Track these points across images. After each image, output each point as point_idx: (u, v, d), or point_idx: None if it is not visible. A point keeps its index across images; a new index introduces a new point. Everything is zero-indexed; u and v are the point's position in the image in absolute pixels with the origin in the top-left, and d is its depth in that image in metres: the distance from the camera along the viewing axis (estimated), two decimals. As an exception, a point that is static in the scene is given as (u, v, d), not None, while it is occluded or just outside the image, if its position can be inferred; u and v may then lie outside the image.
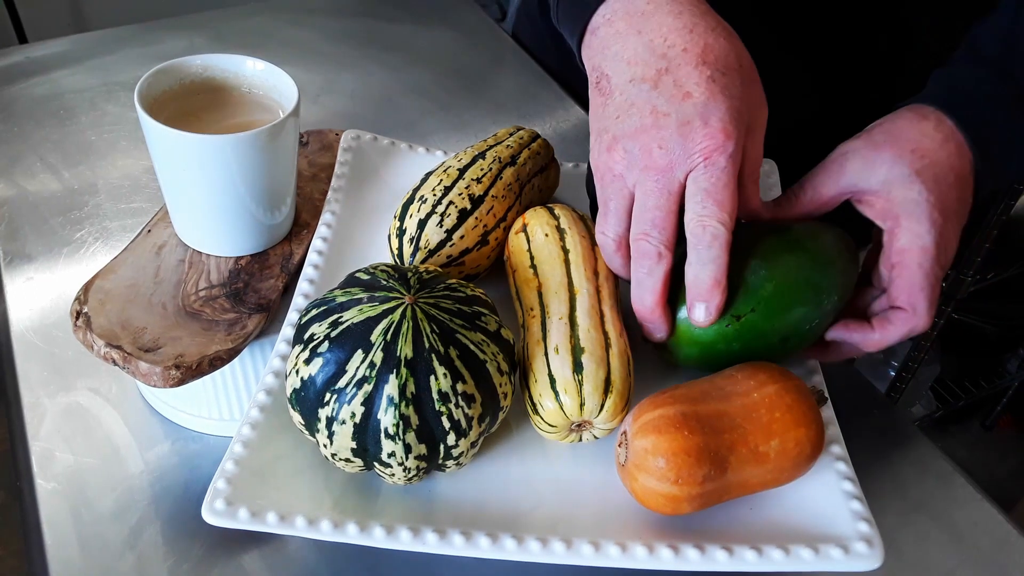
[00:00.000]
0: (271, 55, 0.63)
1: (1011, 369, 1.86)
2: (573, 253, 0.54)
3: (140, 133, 0.57)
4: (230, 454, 0.47)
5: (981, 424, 1.92)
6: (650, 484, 0.45)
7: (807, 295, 0.49)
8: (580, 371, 0.48)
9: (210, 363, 0.52)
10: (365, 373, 0.44)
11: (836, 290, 0.51)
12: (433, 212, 0.56)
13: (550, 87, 0.94)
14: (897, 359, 1.67)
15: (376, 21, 1.05)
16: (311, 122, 0.86)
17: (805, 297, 0.49)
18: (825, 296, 0.50)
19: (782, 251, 0.50)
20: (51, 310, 0.66)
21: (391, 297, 0.46)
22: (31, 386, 0.61)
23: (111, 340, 0.52)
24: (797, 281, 0.49)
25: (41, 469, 0.56)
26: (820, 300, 0.50)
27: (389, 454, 0.45)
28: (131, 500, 0.54)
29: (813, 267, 0.50)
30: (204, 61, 0.60)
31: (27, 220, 0.74)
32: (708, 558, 0.45)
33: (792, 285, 0.49)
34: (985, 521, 0.57)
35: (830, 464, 0.49)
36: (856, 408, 0.63)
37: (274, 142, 0.56)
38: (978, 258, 1.33)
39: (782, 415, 0.45)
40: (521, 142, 0.63)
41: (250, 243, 0.61)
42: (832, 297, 0.50)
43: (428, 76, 0.95)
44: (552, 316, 0.51)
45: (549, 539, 0.45)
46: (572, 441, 0.50)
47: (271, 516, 0.45)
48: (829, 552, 0.45)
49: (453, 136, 0.86)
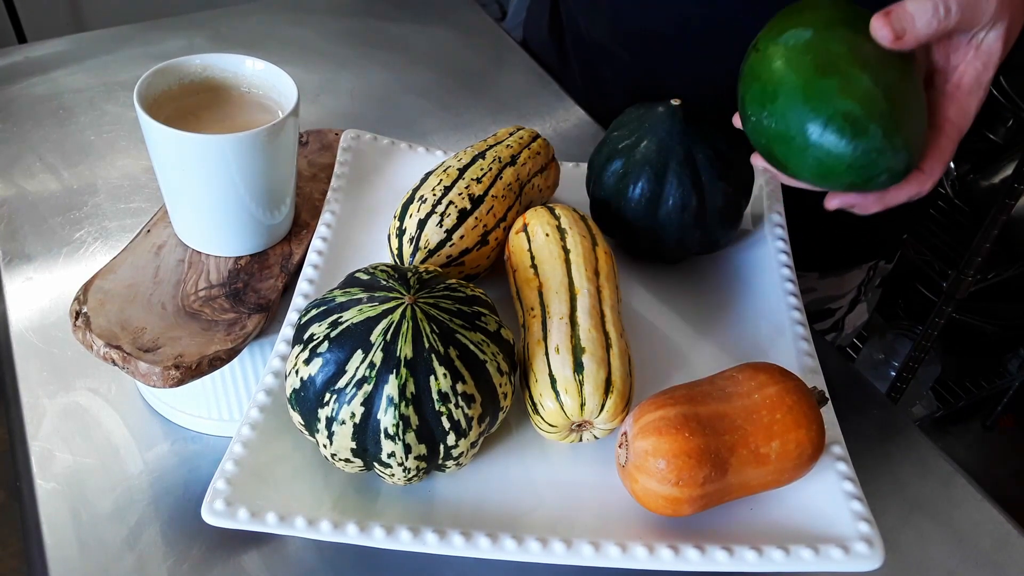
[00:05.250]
0: (270, 55, 0.63)
1: (1012, 369, 1.86)
2: (574, 253, 0.54)
3: (139, 133, 0.57)
4: (230, 454, 0.47)
5: (982, 424, 1.92)
6: (650, 485, 0.45)
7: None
8: (581, 371, 0.48)
9: (210, 363, 0.52)
10: (365, 373, 0.44)
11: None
12: (433, 212, 0.56)
13: (550, 87, 0.94)
14: (897, 359, 1.67)
15: (376, 21, 1.05)
16: (311, 122, 0.86)
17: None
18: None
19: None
20: (50, 310, 0.66)
21: (391, 297, 0.46)
22: (30, 386, 0.61)
23: (110, 340, 0.52)
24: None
25: (40, 469, 0.56)
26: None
27: (389, 454, 0.45)
28: (130, 500, 0.54)
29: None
30: (203, 61, 0.60)
31: (26, 220, 0.74)
32: (708, 558, 0.45)
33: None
34: (985, 521, 0.57)
35: (831, 464, 0.49)
36: (856, 408, 0.63)
37: (274, 142, 0.56)
38: (978, 258, 1.33)
39: (783, 416, 0.45)
40: (521, 142, 0.63)
41: (250, 243, 0.60)
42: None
43: (428, 76, 0.95)
44: (553, 316, 0.51)
45: (549, 539, 0.45)
46: (572, 441, 0.50)
47: (271, 516, 0.45)
48: (829, 552, 0.44)
49: (453, 136, 0.86)
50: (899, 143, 0.46)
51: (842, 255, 0.88)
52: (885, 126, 0.46)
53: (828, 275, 0.88)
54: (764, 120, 0.48)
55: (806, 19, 0.48)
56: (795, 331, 0.57)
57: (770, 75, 0.48)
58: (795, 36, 0.47)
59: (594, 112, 0.90)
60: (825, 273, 0.88)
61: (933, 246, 1.50)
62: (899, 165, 0.47)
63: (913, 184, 0.50)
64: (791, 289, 0.60)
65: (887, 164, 0.47)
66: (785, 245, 0.63)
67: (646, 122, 0.61)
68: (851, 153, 0.46)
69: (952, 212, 1.55)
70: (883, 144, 0.46)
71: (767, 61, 0.48)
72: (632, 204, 0.60)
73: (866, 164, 0.47)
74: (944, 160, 0.50)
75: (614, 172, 0.61)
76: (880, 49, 0.47)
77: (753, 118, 0.49)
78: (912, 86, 0.48)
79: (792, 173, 0.50)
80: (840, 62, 0.46)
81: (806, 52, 0.47)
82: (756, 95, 0.49)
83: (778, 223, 0.65)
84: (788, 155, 0.48)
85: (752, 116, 0.50)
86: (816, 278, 0.88)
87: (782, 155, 0.49)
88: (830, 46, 0.46)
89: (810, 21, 0.47)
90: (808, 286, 0.87)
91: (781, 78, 0.47)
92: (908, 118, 0.47)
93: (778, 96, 0.47)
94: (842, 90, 0.46)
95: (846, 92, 0.46)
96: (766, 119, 0.48)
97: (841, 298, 0.91)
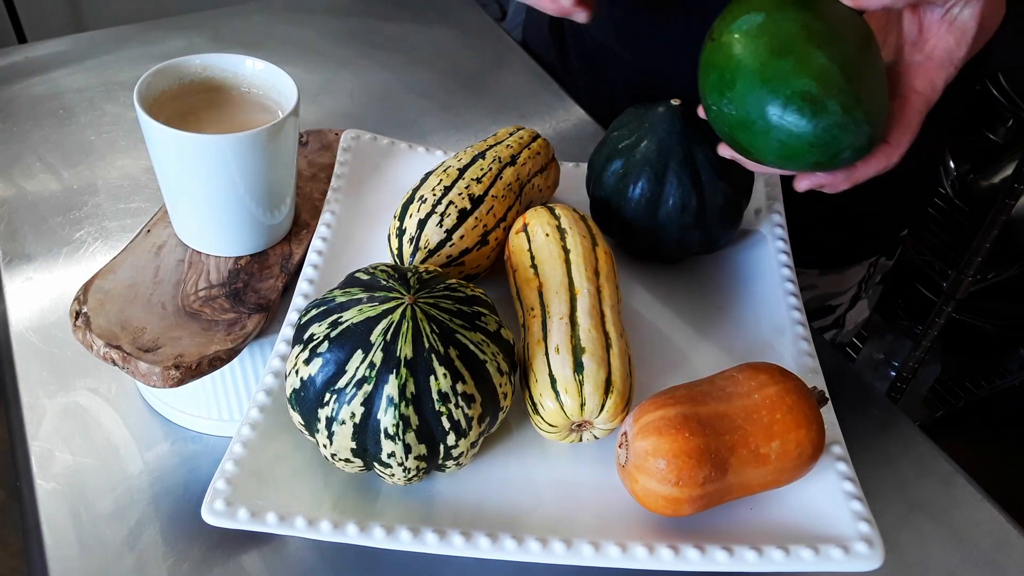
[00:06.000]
0: (270, 55, 0.63)
1: (1011, 369, 1.86)
2: (574, 253, 0.54)
3: (139, 133, 0.57)
4: (230, 454, 0.47)
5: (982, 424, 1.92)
6: (651, 485, 0.45)
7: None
8: (581, 371, 0.48)
9: (210, 363, 0.52)
10: (365, 373, 0.44)
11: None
12: (433, 212, 0.56)
13: (550, 87, 0.94)
14: (898, 359, 1.67)
15: (376, 20, 1.05)
16: (310, 122, 0.86)
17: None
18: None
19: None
20: (50, 310, 0.66)
21: (391, 297, 0.46)
22: (30, 386, 0.61)
23: (110, 340, 0.52)
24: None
25: (40, 469, 0.56)
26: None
27: (389, 454, 0.45)
28: (130, 500, 0.54)
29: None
30: (203, 61, 0.60)
31: (26, 220, 0.74)
32: (708, 558, 0.45)
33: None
34: (985, 521, 0.57)
35: (831, 464, 0.49)
36: (856, 408, 0.63)
37: (274, 142, 0.56)
38: (978, 258, 1.33)
39: (783, 416, 0.45)
40: (521, 142, 0.63)
41: (250, 243, 0.60)
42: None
43: (428, 76, 0.95)
44: (553, 316, 0.51)
45: (549, 539, 0.45)
46: (572, 441, 0.50)
47: (271, 516, 0.45)
48: (829, 552, 0.44)
49: (453, 136, 0.86)
50: (860, 117, 0.46)
51: (842, 252, 0.88)
52: (844, 101, 0.45)
53: (829, 272, 0.88)
54: (724, 107, 0.48)
55: (757, 3, 0.48)
56: (795, 331, 0.57)
57: (727, 62, 0.48)
58: (748, 21, 0.47)
59: (594, 112, 0.90)
60: (826, 270, 0.88)
61: (933, 246, 1.50)
62: (861, 140, 0.47)
63: (880, 158, 0.49)
64: (791, 289, 0.60)
65: (849, 140, 0.46)
66: (785, 245, 0.63)
67: (646, 122, 0.61)
68: (812, 131, 0.46)
69: (952, 212, 1.55)
70: (843, 119, 0.46)
71: (722, 49, 0.48)
72: (632, 204, 0.60)
73: (828, 141, 0.46)
74: (910, 131, 0.49)
75: (614, 172, 0.61)
76: (834, 26, 0.47)
77: (714, 107, 0.49)
78: (869, 59, 0.47)
79: (757, 158, 0.50)
80: (794, 42, 0.46)
81: (760, 35, 0.47)
82: (715, 83, 0.49)
83: (778, 223, 0.65)
84: (751, 140, 0.48)
85: (713, 105, 0.49)
86: (817, 275, 0.88)
87: (745, 141, 0.49)
88: (783, 27, 0.46)
89: (761, 5, 0.48)
90: (809, 283, 0.87)
91: (737, 64, 0.47)
92: (867, 92, 0.46)
93: (736, 82, 0.47)
94: (798, 69, 0.46)
95: (802, 71, 0.45)
96: (726, 106, 0.48)
97: (842, 295, 0.91)
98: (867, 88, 0.46)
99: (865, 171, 0.50)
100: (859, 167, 0.50)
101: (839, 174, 0.50)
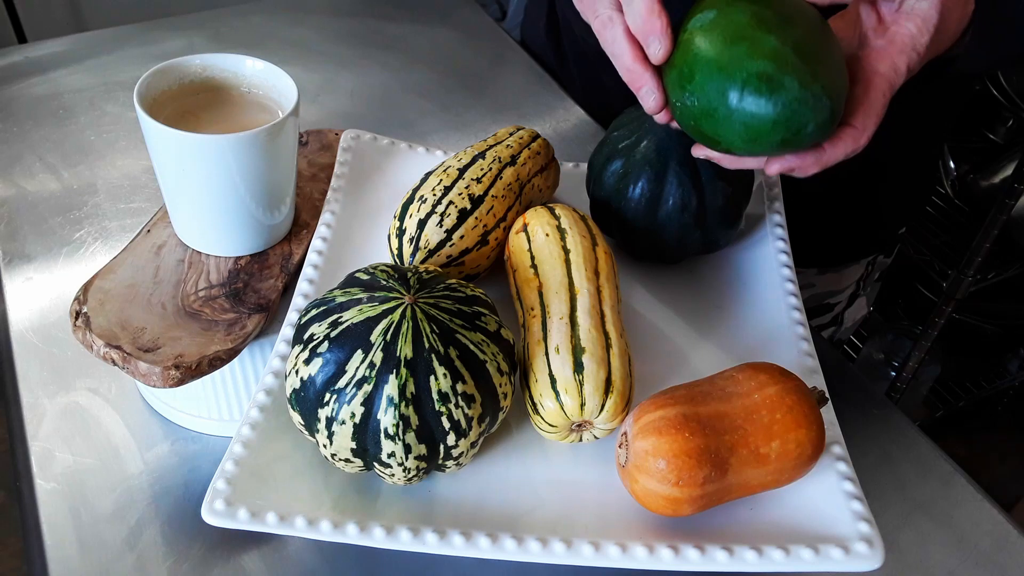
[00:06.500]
0: (270, 55, 0.63)
1: (1012, 369, 1.86)
2: (574, 253, 0.54)
3: (139, 133, 0.57)
4: (230, 454, 0.47)
5: (982, 424, 1.92)
6: (651, 485, 0.45)
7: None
8: (581, 371, 0.48)
9: (209, 363, 0.52)
10: (365, 373, 0.44)
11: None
12: (433, 212, 0.56)
13: (550, 87, 0.94)
14: (897, 359, 1.67)
15: (376, 21, 1.05)
16: (310, 122, 0.86)
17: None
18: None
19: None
20: (50, 310, 0.66)
21: (391, 297, 0.46)
22: (30, 386, 0.61)
23: (110, 340, 0.52)
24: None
25: (40, 469, 0.56)
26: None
27: (389, 454, 0.45)
28: (130, 500, 0.54)
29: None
30: (203, 61, 0.60)
31: (26, 220, 0.74)
32: (708, 558, 0.45)
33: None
34: (985, 521, 0.57)
35: (831, 464, 0.49)
36: (856, 408, 0.63)
37: (274, 142, 0.56)
38: (978, 258, 1.33)
39: (783, 416, 0.45)
40: (521, 142, 0.63)
41: (250, 243, 0.60)
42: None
43: (428, 76, 0.95)
44: (553, 316, 0.51)
45: (549, 539, 0.45)
46: (572, 441, 0.50)
47: (271, 516, 0.45)
48: (829, 552, 0.44)
49: (453, 136, 0.86)
50: (818, 91, 0.47)
51: (840, 250, 0.88)
52: (800, 77, 0.47)
53: (827, 270, 0.88)
54: (687, 100, 0.50)
55: (709, 3, 0.50)
56: (795, 331, 0.57)
57: (684, 58, 0.49)
58: (701, 19, 0.49)
59: (593, 113, 0.90)
60: (824, 268, 0.88)
61: (933, 246, 1.50)
62: (823, 113, 0.48)
63: (848, 140, 0.50)
64: (791, 289, 0.60)
65: (811, 114, 0.48)
66: (785, 245, 0.63)
67: (646, 122, 0.61)
68: (773, 109, 0.47)
69: (952, 212, 1.55)
70: (801, 94, 0.47)
71: (680, 47, 0.50)
72: (632, 204, 0.60)
73: (790, 117, 0.47)
74: (875, 113, 0.50)
75: (614, 172, 0.61)
76: (785, 13, 0.49)
77: (678, 103, 0.51)
78: (823, 42, 0.49)
79: (726, 147, 0.51)
80: (746, 30, 0.48)
81: (713, 29, 0.49)
82: (675, 80, 0.50)
83: (778, 223, 0.65)
84: (716, 128, 0.50)
85: (676, 102, 0.51)
86: (815, 274, 0.88)
87: (711, 130, 0.50)
88: (734, 19, 0.48)
89: (712, 3, 0.50)
90: (807, 281, 0.87)
91: (694, 57, 0.49)
92: (823, 68, 0.48)
93: (695, 74, 0.49)
94: (751, 53, 0.47)
95: (755, 54, 0.47)
96: (688, 99, 0.50)
97: (840, 293, 0.92)
98: (823, 67, 0.48)
99: (833, 153, 0.50)
100: (827, 149, 0.50)
101: (808, 156, 0.51)
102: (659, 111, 0.52)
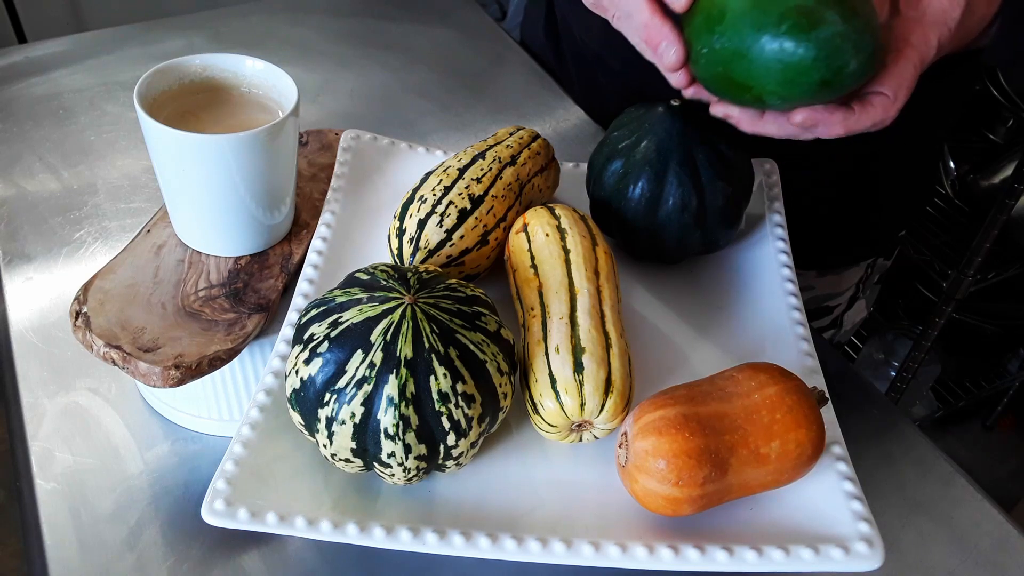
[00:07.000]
0: (270, 55, 0.62)
1: (1012, 369, 1.86)
2: (574, 253, 0.54)
3: (139, 133, 0.57)
4: (230, 454, 0.47)
5: (982, 424, 1.92)
6: (651, 485, 0.45)
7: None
8: (581, 371, 0.48)
9: (209, 363, 0.52)
10: (365, 373, 0.44)
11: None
12: (433, 212, 0.56)
13: (550, 87, 0.94)
14: (897, 359, 1.67)
15: (376, 21, 1.05)
16: (310, 122, 0.86)
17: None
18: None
19: None
20: (50, 310, 0.66)
21: (391, 297, 0.46)
22: (30, 386, 0.61)
23: (110, 340, 0.52)
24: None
25: (40, 469, 0.56)
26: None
27: (389, 454, 0.45)
28: (130, 500, 0.54)
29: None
30: (203, 61, 0.60)
31: (26, 220, 0.74)
32: (708, 558, 0.45)
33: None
34: (985, 521, 0.57)
35: (831, 464, 0.49)
36: (856, 408, 0.63)
37: (274, 142, 0.56)
38: (978, 258, 1.33)
39: (783, 416, 0.45)
40: (521, 142, 0.63)
41: (250, 243, 0.60)
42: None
43: (428, 76, 0.95)
44: (553, 316, 0.51)
45: (549, 539, 0.45)
46: (572, 441, 0.50)
47: (271, 516, 0.45)
48: (829, 552, 0.44)
49: (453, 136, 0.86)
50: (860, 25, 0.45)
51: (840, 253, 0.88)
52: (841, 11, 0.44)
53: (826, 273, 0.88)
54: (716, 44, 0.47)
55: None
56: (795, 331, 0.57)
57: (711, 1, 0.47)
58: None
59: (591, 114, 0.90)
60: (823, 271, 0.88)
61: (933, 246, 1.50)
62: (865, 50, 0.45)
63: (879, 108, 0.49)
64: (791, 289, 0.60)
65: (853, 49, 0.45)
66: (785, 245, 0.63)
67: (646, 122, 0.61)
68: (815, 45, 0.45)
69: (952, 212, 1.55)
70: (844, 28, 0.44)
71: None
72: (632, 204, 0.60)
73: (831, 52, 0.45)
74: (906, 84, 0.49)
75: (614, 172, 0.61)
76: None
77: (704, 50, 0.48)
78: None
79: (757, 93, 0.47)
80: None
81: None
82: (701, 25, 0.48)
83: (778, 223, 0.65)
84: (749, 71, 0.47)
85: (703, 48, 0.48)
86: (814, 276, 0.88)
87: (742, 75, 0.47)
88: None
89: None
90: (806, 284, 0.87)
91: None
92: (861, 5, 0.45)
93: (725, 13, 0.46)
94: None
95: None
96: (717, 42, 0.47)
97: (840, 295, 0.92)
98: (861, 5, 0.45)
99: (863, 118, 0.49)
100: (857, 112, 0.48)
101: (837, 113, 0.48)
102: (680, 67, 0.49)
